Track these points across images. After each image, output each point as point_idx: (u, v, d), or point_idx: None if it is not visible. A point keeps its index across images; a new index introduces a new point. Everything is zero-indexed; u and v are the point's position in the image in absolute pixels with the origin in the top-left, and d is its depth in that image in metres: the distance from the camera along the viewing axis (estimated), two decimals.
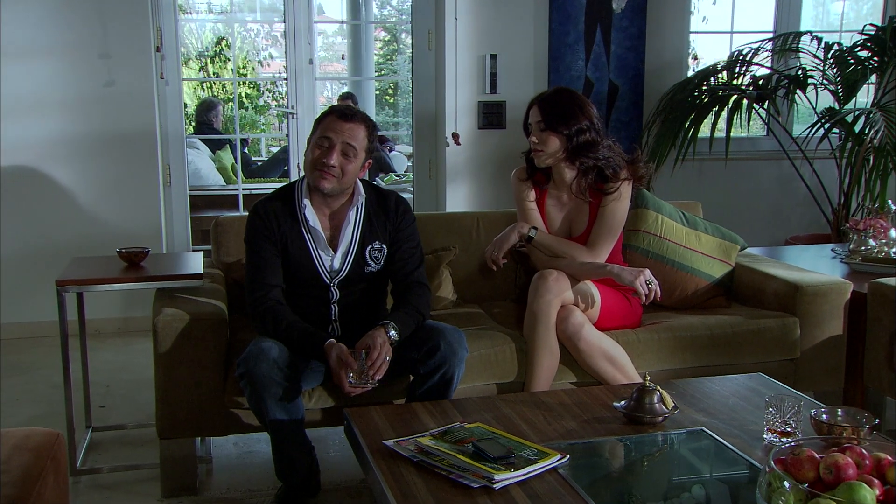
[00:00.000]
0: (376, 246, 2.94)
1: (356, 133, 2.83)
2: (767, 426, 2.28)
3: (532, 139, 3.26)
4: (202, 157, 7.77)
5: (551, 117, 3.21)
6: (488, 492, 1.99)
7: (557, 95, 3.28)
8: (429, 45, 5.38)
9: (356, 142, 2.82)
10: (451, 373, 2.79)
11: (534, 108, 3.27)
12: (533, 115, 3.26)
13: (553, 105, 3.23)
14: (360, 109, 2.94)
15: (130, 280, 3.11)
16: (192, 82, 11.32)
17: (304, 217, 2.88)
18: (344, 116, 2.83)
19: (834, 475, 1.82)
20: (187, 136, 8.26)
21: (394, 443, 2.23)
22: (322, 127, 2.85)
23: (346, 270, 2.91)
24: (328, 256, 2.90)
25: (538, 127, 3.23)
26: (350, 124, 2.82)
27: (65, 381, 3.14)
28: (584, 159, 3.24)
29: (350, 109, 2.87)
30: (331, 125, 2.83)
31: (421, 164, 5.56)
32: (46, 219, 4.89)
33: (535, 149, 3.26)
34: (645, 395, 2.39)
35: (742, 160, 5.73)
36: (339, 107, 2.89)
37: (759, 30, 5.81)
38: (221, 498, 3.02)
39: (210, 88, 10.79)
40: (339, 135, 2.80)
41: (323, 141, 2.82)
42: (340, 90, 10.66)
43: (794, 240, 5.20)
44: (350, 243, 2.92)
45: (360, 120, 2.85)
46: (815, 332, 3.40)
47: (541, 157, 3.26)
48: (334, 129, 2.81)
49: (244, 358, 2.68)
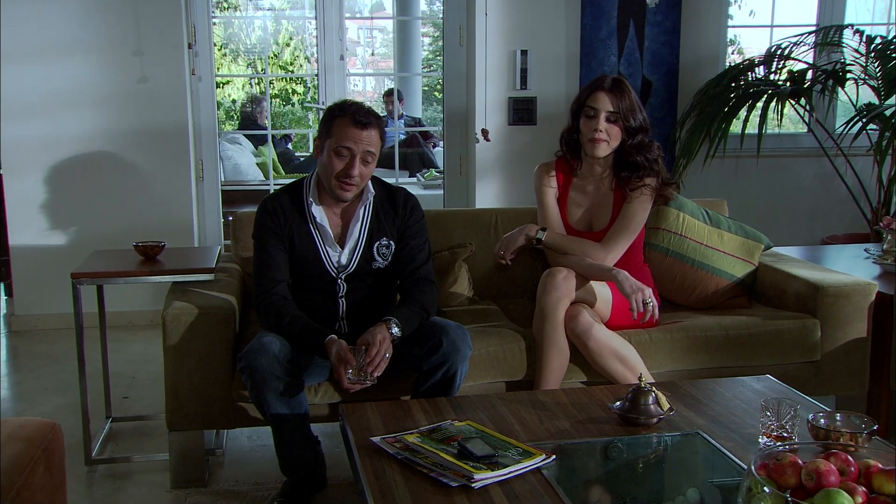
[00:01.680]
0: (384, 242, 2.94)
1: (374, 139, 2.80)
2: (763, 430, 2.22)
3: (598, 128, 3.13)
4: (244, 152, 7.86)
5: (624, 108, 3.13)
6: (467, 491, 1.97)
7: (622, 85, 3.17)
8: (460, 40, 5.36)
9: (374, 147, 2.81)
10: (454, 370, 2.78)
11: (601, 95, 3.14)
12: (601, 103, 3.13)
13: (622, 95, 3.14)
14: (368, 107, 2.86)
15: (142, 273, 3.17)
16: (241, 79, 11.48)
17: (311, 214, 2.89)
18: (360, 124, 2.77)
19: (815, 482, 1.77)
20: (230, 132, 8.40)
21: (380, 440, 2.23)
22: (337, 135, 2.79)
23: (354, 266, 2.91)
24: (335, 252, 2.91)
25: (608, 116, 3.14)
26: (367, 132, 2.78)
27: (80, 372, 3.20)
28: (638, 157, 3.19)
29: (362, 112, 2.80)
30: (348, 134, 2.77)
31: (452, 160, 5.55)
32: (81, 212, 4.99)
33: (600, 138, 3.15)
34: (640, 396, 2.35)
35: (781, 157, 5.61)
36: (350, 109, 2.80)
37: (802, 23, 5.68)
38: (229, 490, 3.04)
39: (258, 84, 10.91)
40: (359, 144, 2.77)
41: (342, 151, 2.78)
42: (386, 86, 10.72)
43: (831, 239, 5.07)
44: (358, 240, 2.92)
45: (374, 124, 2.81)
46: (838, 335, 3.31)
47: (602, 147, 3.17)
48: (353, 139, 2.77)
49: (245, 352, 2.70)
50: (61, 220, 4.99)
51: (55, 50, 4.85)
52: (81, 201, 4.99)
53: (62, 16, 4.82)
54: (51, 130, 4.90)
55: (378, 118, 2.86)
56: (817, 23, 5.67)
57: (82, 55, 4.88)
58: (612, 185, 3.25)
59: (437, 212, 3.86)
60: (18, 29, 4.77)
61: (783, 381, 3.28)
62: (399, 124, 8.67)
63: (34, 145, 4.89)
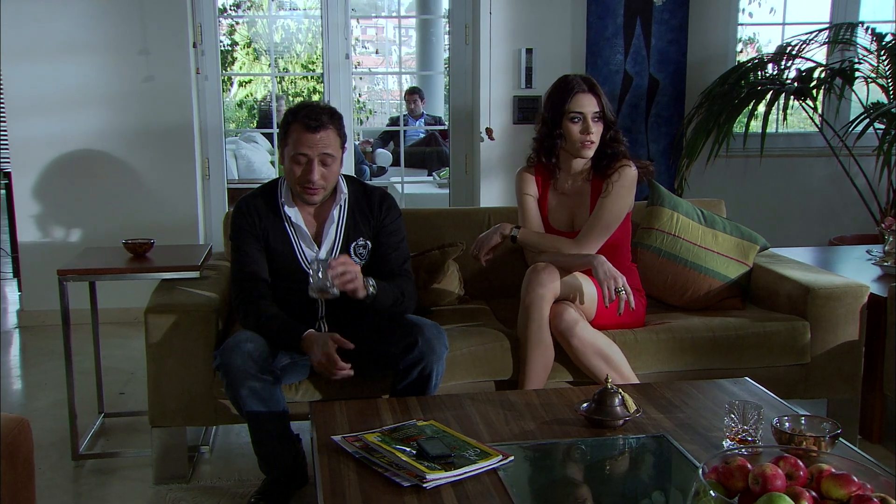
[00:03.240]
0: (360, 242, 2.94)
1: (329, 140, 2.78)
2: (727, 433, 2.19)
3: (591, 131, 3.10)
4: (259, 150, 7.92)
5: (604, 105, 3.12)
6: (418, 491, 1.97)
7: (594, 83, 3.16)
8: (466, 39, 5.34)
9: (331, 148, 2.79)
10: (430, 369, 2.77)
11: (584, 98, 3.10)
12: (586, 106, 3.10)
13: (599, 93, 3.13)
14: (321, 105, 2.85)
15: (128, 271, 3.20)
16: (264, 78, 11.55)
17: (286, 215, 2.90)
18: (311, 128, 2.76)
19: (761, 486, 1.74)
20: (247, 130, 8.46)
21: (341, 438, 2.23)
22: (293, 141, 2.79)
23: None
24: (312, 252, 2.92)
25: (595, 117, 3.11)
26: (320, 134, 2.76)
27: (66, 368, 3.24)
28: (614, 146, 3.18)
29: (314, 115, 2.78)
30: (302, 140, 2.77)
31: (457, 159, 5.54)
32: (88, 209, 5.05)
33: (589, 140, 3.12)
34: (606, 397, 2.33)
35: (792, 157, 5.54)
36: (302, 113, 2.79)
37: (814, 21, 5.60)
38: (211, 486, 3.06)
39: (280, 83, 10.99)
40: (314, 148, 2.76)
41: (300, 157, 2.78)
42: (408, 84, 10.72)
43: (839, 240, 4.99)
44: (334, 241, 2.92)
45: (327, 124, 2.78)
46: (828, 337, 3.26)
47: (591, 150, 3.15)
48: (307, 144, 2.76)
49: (220, 350, 2.71)
50: (68, 217, 5.05)
51: (62, 49, 4.91)
52: (88, 199, 5.04)
53: (69, 15, 4.88)
54: (58, 129, 4.96)
55: (333, 116, 2.83)
56: (831, 20, 5.59)
57: (89, 54, 4.94)
58: (590, 176, 3.23)
59: (429, 210, 3.85)
60: (26, 28, 4.84)
61: (772, 384, 3.25)
62: (419, 123, 8.69)
63: (42, 144, 4.96)
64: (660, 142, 5.34)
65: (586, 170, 3.25)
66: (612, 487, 2.15)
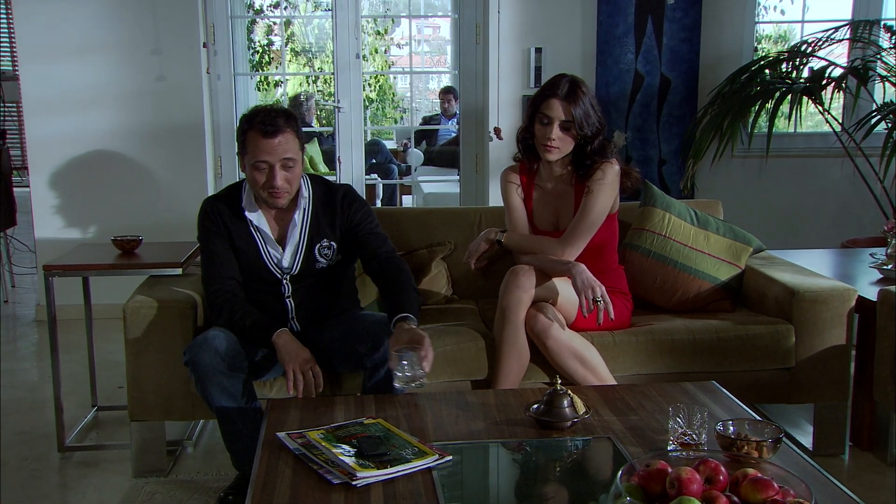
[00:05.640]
0: (325, 244, 2.93)
1: (287, 144, 2.75)
2: (672, 437, 2.16)
3: (550, 136, 3.08)
4: None
5: (578, 116, 3.06)
6: (346, 488, 1.97)
7: (577, 91, 3.09)
8: (476, 38, 5.34)
9: (291, 152, 2.76)
10: None
11: (555, 103, 3.07)
12: (555, 111, 3.07)
13: (576, 102, 3.06)
14: (276, 108, 2.80)
15: (109, 267, 3.26)
16: (297, 77, 11.66)
17: (248, 219, 2.90)
18: (268, 133, 2.72)
19: (677, 490, 1.72)
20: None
21: (285, 435, 2.25)
22: (252, 150, 2.75)
23: (297, 268, 2.93)
24: (277, 253, 2.92)
25: (561, 125, 3.08)
26: (277, 139, 2.72)
27: (52, 362, 3.32)
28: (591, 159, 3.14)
29: (269, 120, 2.73)
30: (260, 147, 2.73)
31: (467, 158, 5.54)
32: (102, 207, 5.16)
33: (552, 146, 3.10)
34: (555, 398, 2.31)
35: (808, 157, 5.43)
36: (256, 119, 2.75)
37: (834, 18, 5.48)
38: (189, 480, 3.11)
39: (314, 82, 11.08)
40: (273, 154, 2.73)
41: (260, 165, 2.75)
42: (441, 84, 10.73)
43: (851, 243, 4.87)
44: (298, 243, 2.92)
45: (283, 128, 2.74)
46: (814, 341, 3.19)
47: (553, 154, 3.13)
48: (266, 150, 2.73)
49: (189, 346, 2.75)
50: (82, 214, 5.16)
51: (77, 49, 5.02)
52: (102, 196, 5.15)
53: (84, 16, 4.99)
54: (73, 127, 5.07)
55: (289, 118, 2.79)
56: (851, 18, 5.47)
57: (103, 54, 5.04)
58: (573, 181, 3.20)
59: (420, 210, 3.88)
60: (42, 29, 4.97)
61: (756, 388, 3.22)
62: (451, 123, 8.69)
63: (57, 142, 5.08)
64: (671, 142, 5.28)
65: (567, 173, 3.22)
66: (541, 489, 2.13)
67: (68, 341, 4.66)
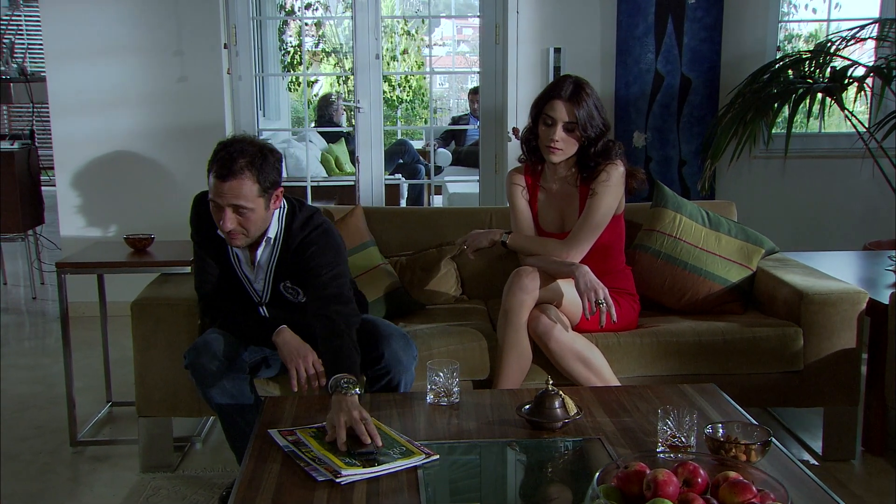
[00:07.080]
0: (289, 284, 2.84)
1: (240, 189, 2.55)
2: (660, 439, 2.15)
3: (554, 137, 3.07)
4: (311, 148, 8.03)
5: (582, 118, 3.05)
6: (331, 485, 1.99)
7: (581, 93, 3.07)
8: (496, 38, 5.33)
9: (243, 199, 2.56)
10: (397, 381, 2.79)
11: (559, 104, 3.06)
12: (558, 112, 3.06)
13: (580, 104, 3.05)
14: (245, 147, 2.59)
15: (119, 265, 3.31)
16: (329, 77, 11.73)
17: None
18: (219, 175, 2.55)
19: (653, 492, 1.72)
20: (301, 129, 8.60)
21: (276, 432, 2.27)
22: (210, 185, 2.61)
23: (267, 297, 2.87)
24: (251, 276, 2.85)
25: (565, 126, 3.07)
26: (229, 183, 2.54)
27: (64, 358, 3.38)
28: (594, 161, 3.13)
29: (227, 160, 2.55)
30: (213, 186, 2.58)
31: (487, 158, 5.54)
32: (125, 205, 5.24)
33: (555, 147, 3.09)
34: (545, 399, 2.31)
35: (830, 158, 5.36)
36: (217, 157, 2.58)
37: (863, 17, 5.40)
38: (195, 476, 3.15)
39: (345, 83, 11.13)
40: (224, 198, 2.56)
41: (215, 202, 2.61)
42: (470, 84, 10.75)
43: (873, 245, 4.79)
44: (264, 282, 2.84)
45: (239, 173, 2.54)
46: (823, 344, 3.15)
47: (557, 156, 3.12)
48: (217, 192, 2.57)
49: (189, 350, 2.76)
50: (104, 213, 5.24)
51: (102, 51, 5.10)
52: (124, 195, 5.23)
53: (109, 18, 5.07)
54: (98, 127, 5.16)
55: (253, 162, 2.57)
56: (879, 16, 5.38)
57: (127, 55, 5.12)
58: (577, 182, 3.19)
59: (431, 210, 3.88)
60: (68, 31, 5.05)
61: (765, 391, 3.19)
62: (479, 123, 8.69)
63: (81, 142, 5.17)
64: (692, 142, 5.23)
65: (572, 174, 3.21)
66: (527, 489, 2.13)
67: (88, 337, 4.75)
